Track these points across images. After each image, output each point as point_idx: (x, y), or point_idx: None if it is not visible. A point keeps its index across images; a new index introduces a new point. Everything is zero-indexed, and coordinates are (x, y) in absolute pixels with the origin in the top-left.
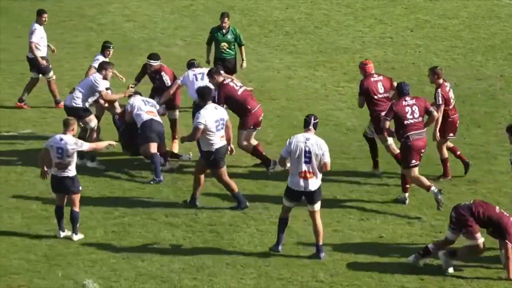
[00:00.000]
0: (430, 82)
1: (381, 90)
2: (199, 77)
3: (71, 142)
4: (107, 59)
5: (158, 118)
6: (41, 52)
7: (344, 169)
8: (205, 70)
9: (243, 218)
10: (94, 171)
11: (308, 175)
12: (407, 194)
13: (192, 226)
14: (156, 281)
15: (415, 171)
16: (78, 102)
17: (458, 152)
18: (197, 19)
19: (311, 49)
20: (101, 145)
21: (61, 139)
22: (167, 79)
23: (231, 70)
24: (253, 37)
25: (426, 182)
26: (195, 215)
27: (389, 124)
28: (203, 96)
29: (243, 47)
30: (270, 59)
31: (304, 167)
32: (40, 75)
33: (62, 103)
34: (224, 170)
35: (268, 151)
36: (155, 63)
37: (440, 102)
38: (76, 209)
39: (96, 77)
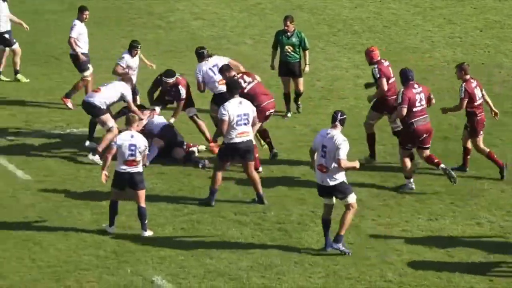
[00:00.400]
0: (458, 78)
1: (392, 74)
2: (215, 70)
3: (143, 138)
4: (132, 58)
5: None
6: (80, 48)
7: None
8: (218, 60)
9: (311, 216)
10: (163, 169)
11: (323, 169)
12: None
13: (260, 224)
14: (224, 279)
15: (407, 153)
16: (100, 101)
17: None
18: (266, 18)
19: (379, 48)
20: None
21: (132, 136)
22: (183, 91)
23: (295, 74)
24: (322, 36)
25: (409, 170)
26: (263, 213)
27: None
28: (231, 89)
29: (307, 52)
30: (338, 58)
31: (321, 161)
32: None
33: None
34: (223, 166)
35: None
36: (171, 80)
37: (463, 96)
38: (143, 205)
39: (127, 88)
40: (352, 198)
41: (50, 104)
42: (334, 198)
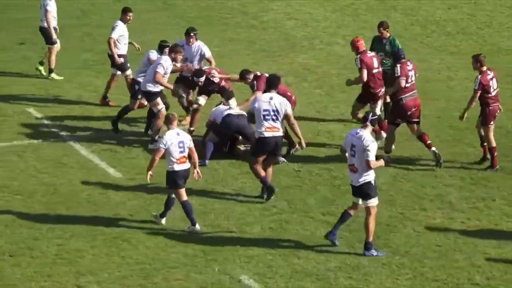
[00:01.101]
0: (474, 69)
1: (376, 65)
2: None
3: (187, 134)
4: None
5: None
6: (119, 50)
7: (505, 173)
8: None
9: (400, 218)
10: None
11: (354, 169)
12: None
13: (349, 225)
14: (311, 279)
15: (395, 129)
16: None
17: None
18: (359, 18)
19: (472, 50)
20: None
21: (178, 134)
22: (217, 77)
23: (386, 81)
24: (415, 37)
25: (391, 146)
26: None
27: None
28: (270, 83)
29: None
30: (431, 60)
31: (352, 161)
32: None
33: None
34: (259, 160)
35: (426, 151)
36: (202, 79)
37: (477, 87)
38: (186, 199)
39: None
40: (373, 202)
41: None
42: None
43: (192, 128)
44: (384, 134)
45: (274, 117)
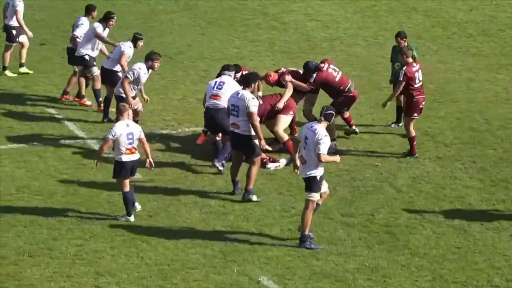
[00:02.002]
0: (400, 61)
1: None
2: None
3: (137, 125)
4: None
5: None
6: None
7: None
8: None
9: (419, 220)
10: (272, 171)
11: (302, 159)
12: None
13: (368, 227)
14: (330, 280)
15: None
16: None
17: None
18: (380, 20)
19: (493, 51)
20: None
21: (127, 125)
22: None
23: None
24: (436, 38)
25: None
26: (371, 215)
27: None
28: (246, 81)
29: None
30: (452, 61)
31: (302, 152)
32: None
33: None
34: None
35: (446, 153)
36: (238, 75)
37: (401, 79)
38: (128, 190)
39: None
40: (314, 196)
41: (163, 103)
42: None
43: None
44: None
45: (235, 113)
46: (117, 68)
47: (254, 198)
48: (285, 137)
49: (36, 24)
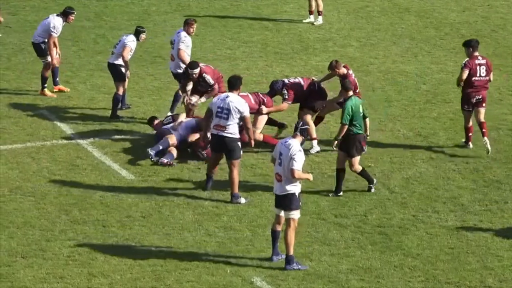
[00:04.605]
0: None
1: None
2: None
3: None
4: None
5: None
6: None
7: None
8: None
9: (412, 220)
10: (267, 171)
11: (278, 177)
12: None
13: (361, 227)
14: (323, 281)
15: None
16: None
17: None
18: (373, 21)
19: (486, 52)
20: None
21: None
22: (209, 78)
23: None
24: (429, 39)
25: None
26: (364, 216)
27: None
28: (230, 84)
29: None
30: (445, 62)
31: (277, 169)
32: None
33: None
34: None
35: (439, 153)
36: (196, 71)
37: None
38: None
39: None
40: (295, 214)
41: (156, 105)
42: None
43: None
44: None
45: (224, 116)
46: (121, 62)
47: (243, 200)
48: (261, 136)
49: (29, 25)
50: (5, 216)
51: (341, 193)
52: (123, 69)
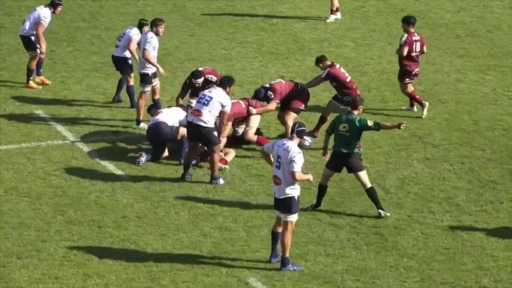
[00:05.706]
0: (320, 68)
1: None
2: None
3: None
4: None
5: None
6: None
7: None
8: None
9: (408, 221)
10: (262, 171)
11: (277, 180)
12: None
13: (356, 228)
14: (318, 282)
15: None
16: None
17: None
18: (368, 21)
19: (481, 53)
20: None
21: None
22: (212, 77)
23: None
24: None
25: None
26: (359, 216)
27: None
28: (221, 82)
29: None
30: (440, 62)
31: (276, 172)
32: None
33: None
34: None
35: (434, 154)
36: (200, 80)
37: (324, 76)
38: None
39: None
40: (293, 218)
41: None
42: None
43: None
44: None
45: (205, 102)
46: (127, 54)
47: (221, 181)
48: (255, 137)
49: None
50: (0, 217)
51: (320, 207)
52: (129, 61)
